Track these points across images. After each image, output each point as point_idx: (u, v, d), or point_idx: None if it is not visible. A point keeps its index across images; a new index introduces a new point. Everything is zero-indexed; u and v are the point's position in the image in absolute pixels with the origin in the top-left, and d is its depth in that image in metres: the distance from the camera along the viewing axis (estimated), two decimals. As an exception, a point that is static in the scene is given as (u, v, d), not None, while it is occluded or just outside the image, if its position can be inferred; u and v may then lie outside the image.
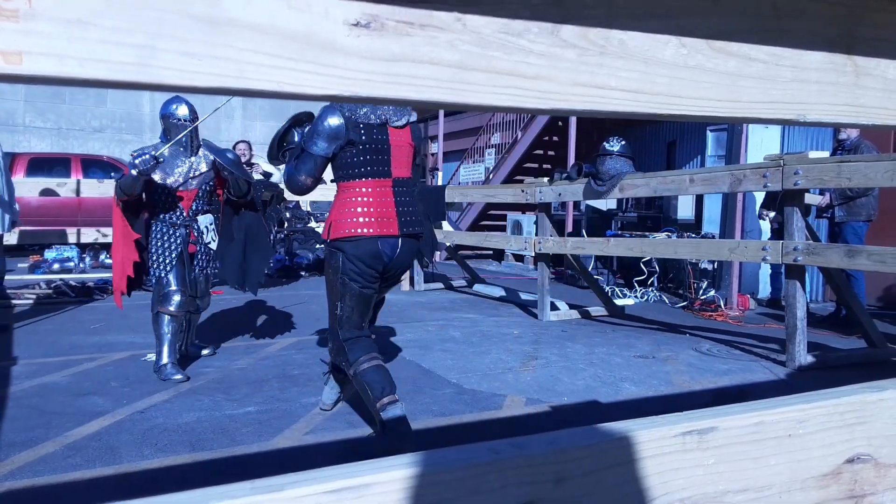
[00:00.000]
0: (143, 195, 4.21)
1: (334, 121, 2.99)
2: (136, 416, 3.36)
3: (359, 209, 2.98)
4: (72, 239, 7.95)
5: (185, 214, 4.30)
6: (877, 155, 5.17)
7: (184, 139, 4.22)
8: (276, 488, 0.67)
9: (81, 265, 9.38)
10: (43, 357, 4.58)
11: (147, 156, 3.93)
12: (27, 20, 0.49)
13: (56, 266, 9.07)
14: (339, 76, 0.58)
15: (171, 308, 4.15)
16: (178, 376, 4.01)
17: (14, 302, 6.78)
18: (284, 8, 0.56)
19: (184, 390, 3.83)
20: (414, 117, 3.19)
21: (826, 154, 6.36)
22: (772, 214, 7.02)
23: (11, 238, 6.93)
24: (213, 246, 4.48)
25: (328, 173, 3.17)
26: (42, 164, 12.27)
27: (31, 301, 6.91)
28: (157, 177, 4.18)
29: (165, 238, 4.24)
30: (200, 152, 4.41)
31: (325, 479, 0.69)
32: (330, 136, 3.00)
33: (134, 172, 3.96)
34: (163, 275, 4.19)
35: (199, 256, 4.39)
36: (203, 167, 4.39)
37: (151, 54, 0.52)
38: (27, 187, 8.42)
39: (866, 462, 0.99)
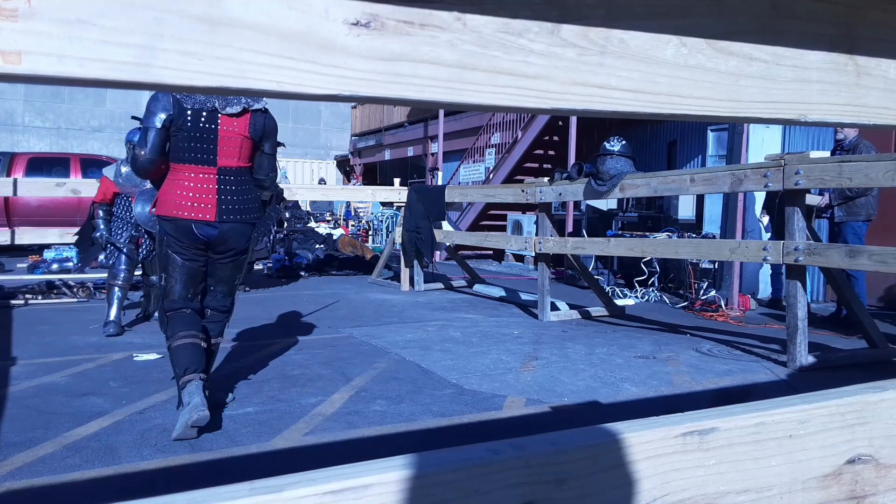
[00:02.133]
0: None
1: (163, 96, 3.18)
2: (136, 417, 3.35)
3: (178, 191, 3.16)
4: (71, 239, 7.95)
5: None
6: (877, 155, 5.17)
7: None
8: (275, 489, 0.66)
9: (80, 265, 9.38)
10: (42, 357, 4.57)
11: (101, 231, 5.59)
12: (26, 20, 0.49)
13: (55, 266, 9.07)
14: (339, 75, 0.58)
15: (118, 282, 5.49)
16: (113, 330, 5.28)
17: (13, 302, 6.78)
18: (284, 8, 0.56)
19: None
20: (256, 105, 3.27)
21: (827, 154, 6.37)
22: (765, 221, 7.02)
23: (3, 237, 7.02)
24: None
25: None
26: (41, 164, 12.27)
27: (30, 301, 6.91)
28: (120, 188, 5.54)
29: (119, 229, 5.58)
30: None
31: (325, 479, 0.69)
32: (158, 108, 3.16)
33: (96, 235, 5.58)
34: (115, 254, 5.55)
35: (144, 247, 5.62)
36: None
37: (151, 54, 0.52)
38: (25, 187, 8.42)
39: (867, 462, 0.99)
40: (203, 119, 3.14)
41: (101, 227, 5.58)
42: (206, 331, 3.32)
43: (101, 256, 5.77)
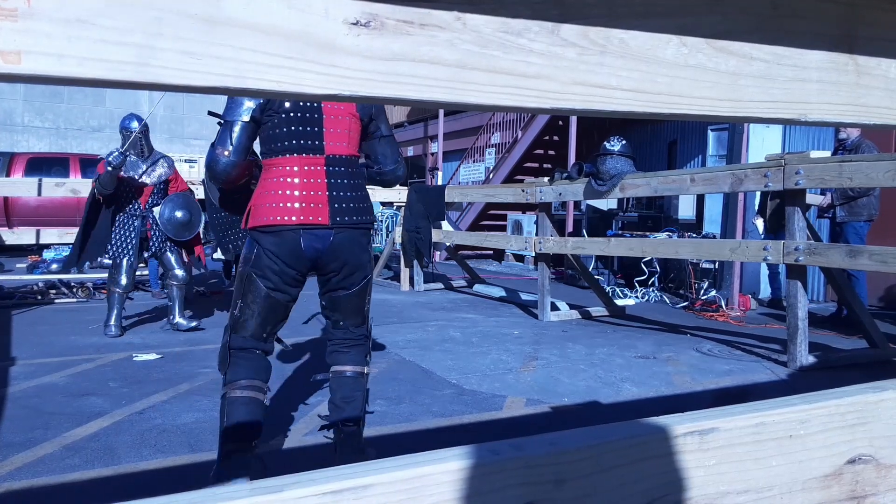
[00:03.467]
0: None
1: None
2: (135, 417, 3.35)
3: (280, 192, 2.48)
4: (71, 239, 7.95)
5: (141, 207, 5.47)
6: (878, 154, 5.17)
7: (137, 145, 5.43)
8: (275, 489, 0.66)
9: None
10: (41, 357, 4.57)
11: (116, 152, 5.14)
12: (26, 19, 0.48)
13: (54, 266, 9.06)
14: (338, 75, 0.58)
15: (118, 289, 5.38)
16: (114, 332, 5.29)
17: (12, 302, 6.78)
18: (284, 7, 0.56)
19: (182, 391, 3.83)
20: None
21: (827, 154, 6.36)
22: (760, 226, 7.01)
23: None
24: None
25: None
26: (40, 164, 12.27)
27: (29, 301, 6.91)
28: (123, 174, 5.32)
29: (126, 228, 5.41)
30: (159, 160, 5.61)
31: (325, 479, 0.68)
32: (244, 98, 2.47)
33: (109, 168, 5.10)
34: (119, 260, 5.36)
35: (154, 240, 5.52)
36: (160, 170, 5.59)
37: (151, 54, 0.52)
38: (25, 187, 8.45)
39: (868, 463, 0.99)
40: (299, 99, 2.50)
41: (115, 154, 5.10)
42: (347, 359, 2.69)
43: (105, 258, 5.64)
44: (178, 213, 5.54)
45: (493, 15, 0.63)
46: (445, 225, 8.88)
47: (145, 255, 5.62)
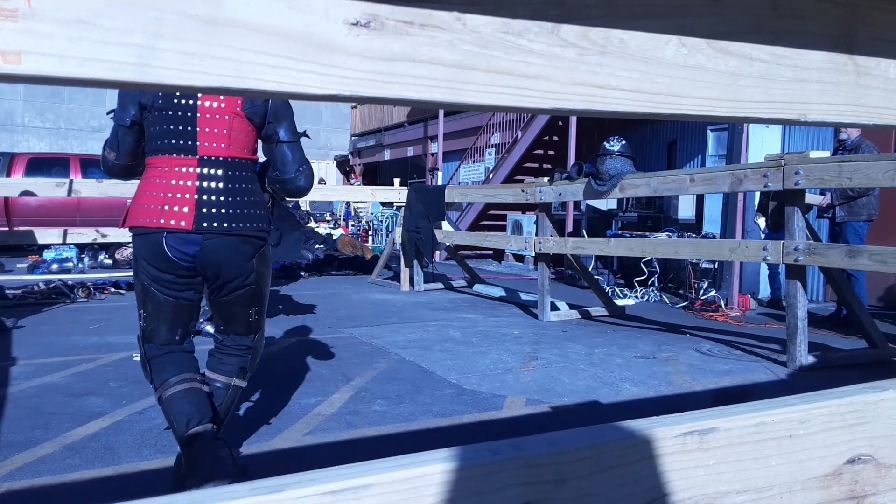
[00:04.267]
0: None
1: None
2: (136, 417, 3.35)
3: (149, 192, 2.35)
4: (71, 239, 7.95)
5: None
6: (877, 154, 5.17)
7: None
8: (275, 489, 0.66)
9: (80, 265, 9.38)
10: (42, 357, 4.57)
11: None
12: (26, 20, 0.49)
13: (55, 266, 9.07)
14: (338, 76, 0.58)
15: None
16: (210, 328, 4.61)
17: (10, 292, 6.79)
18: (284, 8, 0.56)
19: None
20: None
21: (827, 154, 6.37)
22: (762, 224, 7.03)
23: None
24: None
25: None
26: (41, 164, 12.27)
27: (29, 301, 6.91)
28: None
29: None
30: None
31: (325, 479, 0.69)
32: (127, 99, 2.42)
33: None
34: None
35: None
36: None
37: (151, 54, 0.52)
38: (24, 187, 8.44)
39: (867, 462, 0.99)
40: (177, 97, 2.37)
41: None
42: (219, 366, 2.54)
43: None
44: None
45: (493, 15, 0.63)
46: (445, 225, 8.88)
47: None
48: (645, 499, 0.83)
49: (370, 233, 15.62)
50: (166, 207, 2.30)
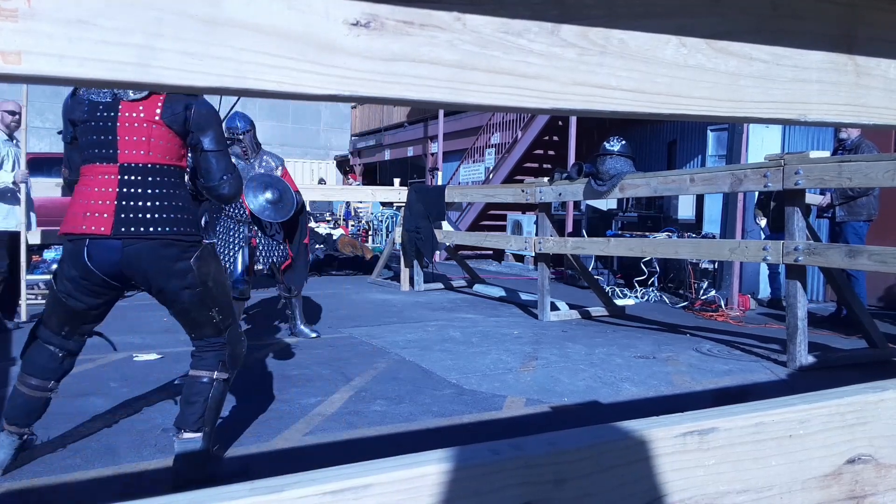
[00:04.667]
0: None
1: (67, 99, 2.60)
2: (135, 417, 3.36)
3: (77, 200, 2.48)
4: None
5: (246, 212, 4.87)
6: (877, 154, 5.17)
7: (248, 149, 5.04)
8: (275, 489, 0.67)
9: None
10: (43, 357, 4.56)
11: None
12: (26, 20, 0.49)
13: (55, 266, 9.05)
14: (338, 76, 0.58)
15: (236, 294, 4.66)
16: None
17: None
18: (284, 8, 0.56)
19: (184, 390, 3.83)
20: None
21: (827, 154, 6.36)
22: (763, 222, 7.03)
23: (35, 237, 6.88)
24: (279, 238, 5.06)
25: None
26: (41, 164, 12.25)
27: (30, 301, 6.90)
28: None
29: (230, 233, 4.85)
30: (265, 158, 5.11)
31: (325, 479, 0.69)
32: (65, 117, 2.59)
33: None
34: (229, 267, 4.75)
35: (261, 247, 4.97)
36: (260, 170, 5.05)
37: (151, 54, 0.52)
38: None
39: (867, 462, 0.99)
40: (102, 107, 2.49)
41: None
42: (200, 364, 2.63)
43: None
44: (267, 195, 4.88)
45: (493, 15, 0.63)
46: (445, 225, 8.88)
47: (258, 267, 5.04)
48: (645, 499, 0.83)
49: (370, 233, 15.62)
50: (88, 214, 2.41)
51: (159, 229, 2.42)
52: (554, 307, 6.61)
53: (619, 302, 7.30)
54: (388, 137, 20.27)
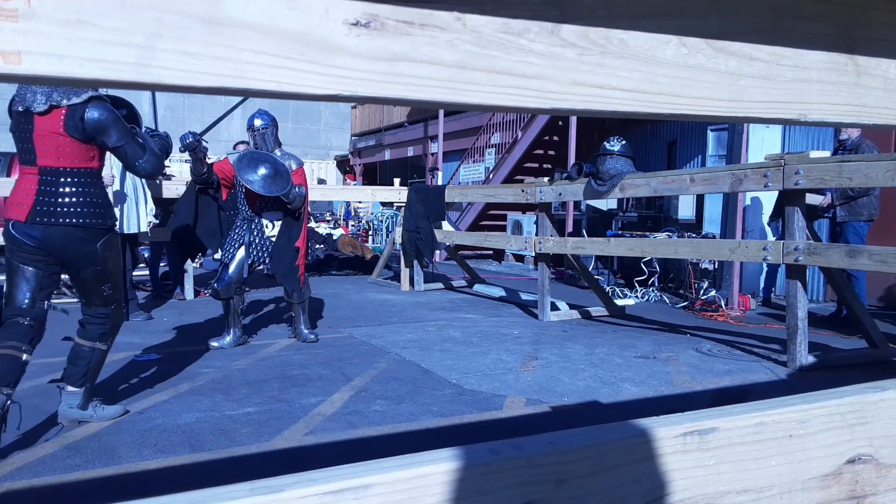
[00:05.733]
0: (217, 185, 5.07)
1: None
2: (136, 417, 3.36)
3: (13, 193, 3.11)
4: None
5: (249, 210, 5.02)
6: (877, 154, 5.17)
7: (262, 146, 5.11)
8: (275, 489, 0.66)
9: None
10: (42, 357, 4.56)
11: (187, 132, 4.67)
12: (26, 20, 0.49)
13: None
14: (338, 76, 0.58)
15: (217, 289, 4.92)
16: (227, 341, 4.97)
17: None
18: (284, 8, 0.56)
19: (183, 391, 3.83)
20: (74, 100, 3.01)
21: (827, 154, 6.36)
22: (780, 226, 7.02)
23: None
24: (283, 242, 5.08)
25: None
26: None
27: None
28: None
29: (235, 231, 5.04)
30: (284, 157, 5.10)
31: (326, 479, 0.69)
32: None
33: (181, 151, 4.76)
34: (226, 260, 4.98)
35: (255, 246, 5.02)
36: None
37: (151, 54, 0.52)
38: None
39: (867, 462, 0.99)
40: (23, 119, 3.04)
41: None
42: (84, 334, 3.26)
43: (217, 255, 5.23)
44: (261, 171, 4.85)
45: (494, 15, 0.63)
46: (445, 225, 8.87)
47: (258, 267, 5.13)
48: (645, 499, 0.83)
49: (370, 233, 15.62)
50: (16, 204, 3.05)
51: (71, 221, 3.04)
52: (554, 307, 6.61)
53: (619, 302, 7.30)
54: (388, 137, 20.27)
